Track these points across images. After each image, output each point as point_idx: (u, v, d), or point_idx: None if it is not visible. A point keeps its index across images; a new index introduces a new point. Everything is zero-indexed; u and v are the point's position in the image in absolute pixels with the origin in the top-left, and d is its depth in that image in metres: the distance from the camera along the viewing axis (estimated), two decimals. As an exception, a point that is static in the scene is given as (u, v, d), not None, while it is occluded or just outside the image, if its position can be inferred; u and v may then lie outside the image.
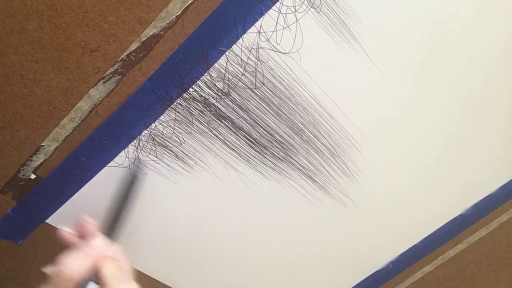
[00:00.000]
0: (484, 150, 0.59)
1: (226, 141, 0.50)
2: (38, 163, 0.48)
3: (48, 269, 0.37)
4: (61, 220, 0.52)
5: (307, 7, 0.44)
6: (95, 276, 0.37)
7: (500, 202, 0.64)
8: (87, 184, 0.50)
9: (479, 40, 0.50)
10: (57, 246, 0.54)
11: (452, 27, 0.48)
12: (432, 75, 0.51)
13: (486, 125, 0.57)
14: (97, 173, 0.49)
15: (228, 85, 0.46)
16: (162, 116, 0.47)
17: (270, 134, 0.50)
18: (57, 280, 0.35)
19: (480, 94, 0.54)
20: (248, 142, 0.50)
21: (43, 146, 0.47)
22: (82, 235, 0.41)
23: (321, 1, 0.44)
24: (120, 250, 0.41)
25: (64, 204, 0.51)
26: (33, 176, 0.49)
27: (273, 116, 0.49)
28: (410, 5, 0.46)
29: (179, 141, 0.49)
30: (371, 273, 0.66)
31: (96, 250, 0.39)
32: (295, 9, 0.43)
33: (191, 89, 0.46)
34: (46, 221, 0.52)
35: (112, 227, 0.43)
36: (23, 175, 0.49)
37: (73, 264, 0.36)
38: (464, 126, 0.56)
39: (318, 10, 0.44)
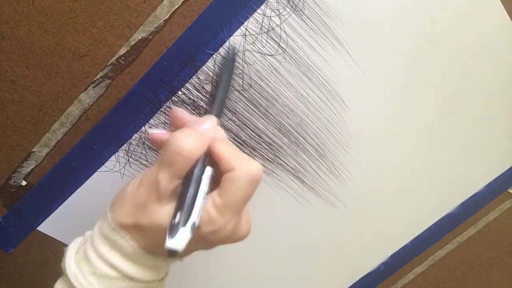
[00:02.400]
0: (469, 149, 0.60)
1: (215, 143, 0.50)
2: (29, 169, 0.49)
3: (165, 138, 0.34)
4: (53, 227, 0.52)
5: (290, 10, 0.45)
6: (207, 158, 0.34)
7: (487, 200, 0.66)
8: (78, 189, 0.50)
9: (462, 41, 0.52)
10: (49, 254, 0.54)
11: (434, 28, 0.50)
12: (416, 76, 0.52)
13: (471, 125, 0.58)
14: (88, 178, 0.50)
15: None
16: (152, 120, 0.48)
17: (259, 136, 0.51)
18: (174, 158, 0.31)
19: (464, 94, 0.55)
20: (237, 144, 0.51)
21: (34, 152, 0.48)
22: (180, 127, 0.37)
23: (304, 5, 0.45)
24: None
25: (56, 211, 0.51)
26: (24, 183, 0.49)
27: (261, 118, 0.50)
28: (391, 6, 0.47)
29: (169, 144, 0.50)
30: (362, 275, 0.66)
31: (211, 131, 0.35)
32: (279, 12, 0.45)
33: (180, 92, 0.47)
34: (38, 228, 0.52)
35: (217, 108, 0.39)
36: (14, 182, 0.49)
37: (192, 143, 0.32)
38: (449, 125, 0.57)
39: (301, 13, 0.46)
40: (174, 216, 0.31)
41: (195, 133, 0.33)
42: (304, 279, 0.64)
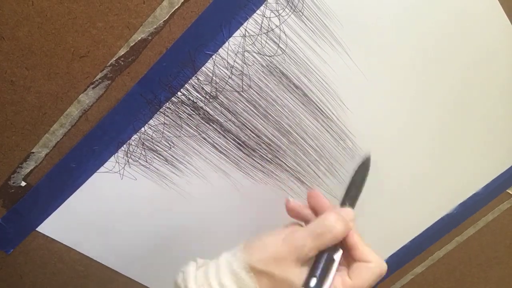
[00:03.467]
0: (468, 150, 0.60)
1: (215, 144, 0.51)
2: (29, 170, 0.49)
3: (314, 222, 0.40)
4: (52, 228, 0.52)
5: (289, 11, 0.45)
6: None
7: (486, 201, 0.66)
8: (77, 190, 0.50)
9: (462, 42, 0.52)
10: (49, 255, 0.54)
11: (433, 28, 0.50)
12: (414, 77, 0.52)
13: (470, 126, 0.58)
14: (87, 179, 0.50)
15: (216, 88, 0.48)
16: (151, 120, 0.48)
17: (258, 137, 0.51)
18: (325, 234, 0.38)
19: (464, 94, 0.55)
20: (237, 144, 0.51)
21: (33, 152, 0.48)
22: (314, 208, 0.45)
23: (303, 5, 0.45)
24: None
25: (55, 212, 0.51)
26: (23, 184, 0.49)
27: (261, 119, 0.50)
28: (390, 7, 0.48)
29: (168, 145, 0.50)
30: (362, 275, 0.66)
31: (351, 219, 0.41)
32: (278, 13, 0.45)
33: (179, 93, 0.47)
34: (37, 229, 0.52)
35: (352, 200, 0.45)
36: (13, 183, 0.49)
37: (341, 227, 0.39)
38: (448, 126, 0.57)
39: (301, 14, 0.46)
40: (308, 280, 0.37)
41: (343, 219, 0.39)
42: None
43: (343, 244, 0.40)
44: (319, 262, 0.38)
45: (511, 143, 0.62)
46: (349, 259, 0.40)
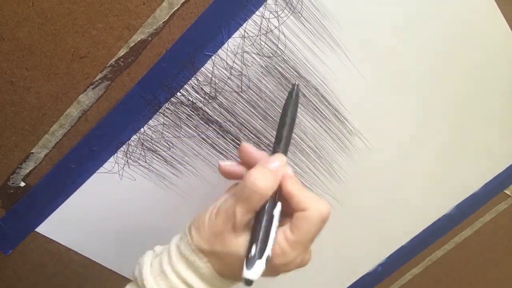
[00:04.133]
0: (465, 150, 0.61)
1: (214, 144, 0.51)
2: (28, 170, 0.49)
3: (238, 184, 0.37)
4: (51, 228, 0.52)
5: (288, 12, 0.46)
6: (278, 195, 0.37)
7: (483, 201, 0.66)
8: (77, 191, 0.50)
9: (460, 43, 0.52)
10: (48, 256, 0.54)
11: (431, 29, 0.50)
12: (412, 78, 0.53)
13: (467, 127, 0.59)
14: (87, 179, 0.50)
15: (215, 89, 0.48)
16: (150, 121, 0.48)
17: (257, 137, 0.51)
18: (251, 196, 0.35)
19: (461, 96, 0.56)
20: (236, 145, 0.51)
21: (32, 153, 0.48)
22: (249, 162, 0.40)
23: (302, 7, 0.46)
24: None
25: (54, 212, 0.51)
26: (22, 184, 0.49)
27: (260, 119, 0.51)
28: (388, 9, 0.48)
29: (167, 146, 0.50)
30: (360, 276, 0.66)
31: (281, 168, 0.37)
32: (277, 14, 0.45)
33: (178, 94, 0.47)
34: (36, 230, 0.52)
35: (284, 145, 0.40)
36: (12, 183, 0.49)
37: (267, 182, 0.35)
38: (446, 127, 0.58)
39: (299, 15, 0.46)
40: (250, 249, 0.34)
41: (268, 172, 0.36)
42: (302, 281, 0.64)
43: (280, 195, 0.37)
44: (258, 225, 0.35)
45: (508, 144, 0.62)
46: (291, 210, 0.37)
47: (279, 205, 0.37)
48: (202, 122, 0.49)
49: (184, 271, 0.37)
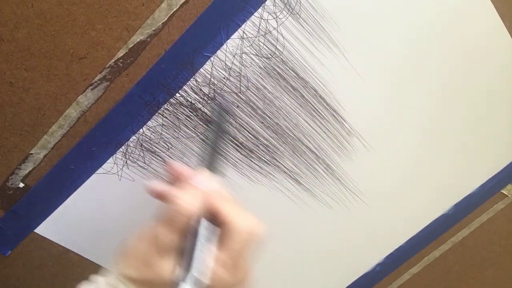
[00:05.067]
0: (463, 150, 0.61)
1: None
2: (27, 171, 0.49)
3: (164, 191, 0.36)
4: (50, 229, 0.52)
5: (287, 13, 0.46)
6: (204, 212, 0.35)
7: (480, 201, 0.66)
8: (76, 191, 0.50)
9: (456, 42, 0.52)
10: (47, 257, 0.54)
11: (428, 30, 0.51)
12: (409, 77, 0.53)
13: (465, 127, 0.59)
14: (86, 180, 0.50)
15: (214, 89, 0.48)
16: (149, 122, 0.48)
17: (256, 138, 0.52)
18: (173, 215, 0.33)
19: (459, 97, 0.56)
20: (234, 146, 0.51)
21: (32, 154, 0.48)
22: (176, 180, 0.39)
23: (300, 8, 0.46)
24: (221, 182, 0.39)
25: (53, 213, 0.51)
26: (21, 185, 0.49)
27: (258, 120, 0.51)
28: (386, 9, 0.48)
29: (166, 146, 0.50)
30: (358, 276, 0.67)
31: (206, 185, 0.36)
32: (276, 15, 0.46)
33: (177, 94, 0.47)
34: (35, 230, 0.52)
35: (210, 161, 0.40)
36: (11, 184, 0.49)
37: (188, 200, 0.34)
38: (444, 127, 0.58)
39: (298, 16, 0.46)
40: (176, 272, 0.33)
41: (193, 192, 0.35)
42: (300, 280, 0.64)
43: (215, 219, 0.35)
44: (185, 247, 0.34)
45: (505, 144, 0.63)
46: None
47: (203, 222, 0.35)
48: (201, 123, 0.49)
49: None
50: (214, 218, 0.35)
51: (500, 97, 0.58)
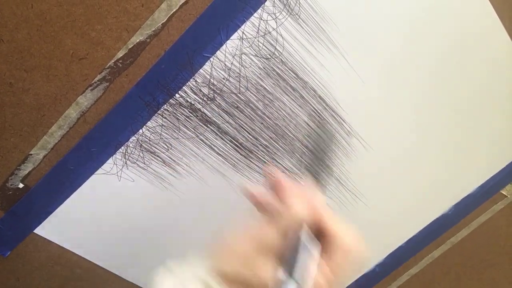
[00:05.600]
0: (462, 151, 0.61)
1: (212, 146, 0.51)
2: (26, 172, 0.49)
3: (265, 200, 0.37)
4: (50, 230, 0.52)
5: (286, 14, 0.46)
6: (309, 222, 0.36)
7: (479, 202, 0.66)
8: (75, 192, 0.50)
9: (455, 43, 0.52)
10: (46, 257, 0.54)
11: (426, 30, 0.51)
12: (408, 78, 0.53)
13: (464, 128, 0.59)
14: (85, 180, 0.50)
15: (213, 90, 0.48)
16: (149, 122, 0.48)
17: (255, 138, 0.52)
18: (283, 219, 0.34)
19: (459, 97, 0.56)
20: (234, 146, 0.51)
21: (31, 154, 0.48)
22: (274, 187, 0.39)
23: (299, 9, 0.46)
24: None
25: (53, 214, 0.51)
26: (21, 185, 0.49)
27: (258, 120, 0.51)
28: (385, 11, 0.48)
29: (166, 147, 0.50)
30: (358, 276, 0.67)
31: (317, 200, 0.37)
32: (275, 15, 0.46)
33: (177, 95, 0.47)
34: (35, 231, 0.52)
35: (316, 173, 0.41)
36: (11, 185, 0.49)
37: (298, 206, 0.34)
38: (443, 128, 0.58)
39: (297, 17, 0.46)
40: (278, 275, 0.32)
41: (301, 199, 0.35)
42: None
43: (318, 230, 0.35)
44: (292, 254, 0.33)
45: (504, 144, 0.63)
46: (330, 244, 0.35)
47: (307, 230, 0.35)
48: (201, 123, 0.49)
49: None
50: (317, 229, 0.35)
51: (500, 98, 0.58)
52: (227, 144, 0.51)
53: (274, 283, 0.32)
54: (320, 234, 0.35)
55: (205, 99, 0.48)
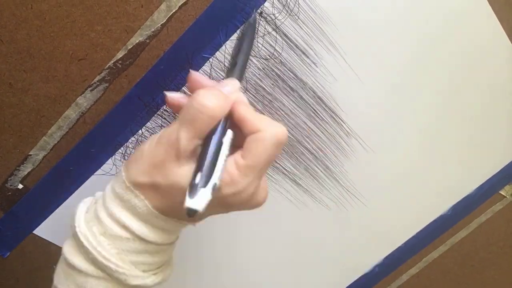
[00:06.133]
0: (461, 151, 0.61)
1: (211, 146, 0.51)
2: (26, 172, 0.49)
3: (184, 102, 0.34)
4: (49, 231, 0.52)
5: (285, 14, 0.46)
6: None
7: (478, 202, 0.66)
8: (75, 193, 0.50)
9: (455, 43, 0.53)
10: (46, 258, 0.54)
11: (427, 31, 0.51)
12: (407, 79, 0.53)
13: (463, 128, 0.59)
14: (85, 181, 0.50)
15: (213, 91, 0.48)
16: (148, 123, 0.48)
17: (255, 139, 0.52)
18: (197, 116, 0.31)
19: (457, 98, 0.56)
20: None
21: (30, 155, 0.48)
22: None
23: (299, 9, 0.46)
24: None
25: (52, 214, 0.51)
26: (20, 186, 0.49)
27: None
28: (385, 10, 0.48)
29: (165, 147, 0.50)
30: (357, 277, 0.67)
31: (234, 93, 0.34)
32: (274, 16, 0.46)
33: (176, 96, 0.47)
34: (34, 232, 0.52)
35: (235, 71, 0.38)
36: (10, 185, 0.49)
37: (215, 102, 0.31)
38: (442, 129, 0.58)
39: (296, 18, 0.46)
40: (195, 177, 0.30)
41: (218, 93, 0.32)
42: (299, 281, 0.64)
43: (232, 122, 0.34)
44: (205, 152, 0.31)
45: (503, 144, 0.63)
46: (242, 140, 0.33)
47: (229, 133, 0.33)
48: (200, 124, 0.49)
49: (119, 212, 0.33)
50: (237, 129, 0.33)
51: (497, 100, 0.58)
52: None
53: (189, 186, 0.30)
54: (239, 135, 0.33)
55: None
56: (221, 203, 0.33)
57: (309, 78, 0.50)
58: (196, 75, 0.36)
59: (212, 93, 0.32)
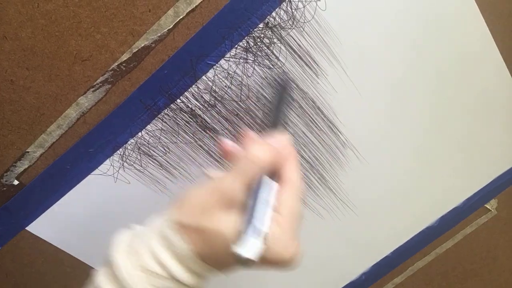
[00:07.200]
0: (449, 164, 0.62)
1: (210, 151, 0.51)
2: (22, 169, 0.48)
3: (235, 150, 0.37)
4: (42, 228, 0.52)
5: (291, 26, 0.46)
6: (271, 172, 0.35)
7: (465, 214, 0.68)
8: (70, 191, 0.50)
9: (451, 55, 0.53)
10: (36, 254, 0.54)
11: (427, 47, 0.52)
12: (404, 94, 0.54)
13: (452, 142, 0.60)
14: (81, 180, 0.50)
15: (215, 97, 0.48)
16: (148, 126, 0.48)
17: (253, 146, 0.52)
18: (243, 162, 0.34)
19: (446, 111, 0.57)
20: (231, 153, 0.52)
21: (28, 152, 0.48)
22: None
23: (304, 22, 0.47)
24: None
25: (46, 212, 0.51)
26: (16, 182, 0.49)
27: (257, 129, 0.51)
28: (387, 27, 0.49)
29: (164, 151, 0.50)
30: (344, 284, 0.68)
31: (282, 145, 0.37)
32: (280, 26, 0.46)
33: (178, 100, 0.47)
34: (26, 228, 0.52)
35: (274, 124, 0.40)
36: (6, 181, 0.49)
37: (260, 152, 0.34)
38: (432, 143, 0.59)
39: (302, 30, 0.47)
40: (246, 226, 0.32)
41: (267, 145, 0.35)
42: None
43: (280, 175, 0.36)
44: (254, 204, 0.33)
45: (490, 160, 0.64)
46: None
47: (274, 185, 0.35)
48: (200, 129, 0.50)
49: (161, 251, 0.34)
50: (277, 172, 0.36)
51: (487, 115, 0.60)
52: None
53: (234, 234, 0.32)
54: (278, 176, 0.36)
55: (206, 105, 0.48)
56: (267, 257, 0.33)
57: (309, 89, 0.50)
58: (250, 133, 0.38)
59: (262, 146, 0.35)
